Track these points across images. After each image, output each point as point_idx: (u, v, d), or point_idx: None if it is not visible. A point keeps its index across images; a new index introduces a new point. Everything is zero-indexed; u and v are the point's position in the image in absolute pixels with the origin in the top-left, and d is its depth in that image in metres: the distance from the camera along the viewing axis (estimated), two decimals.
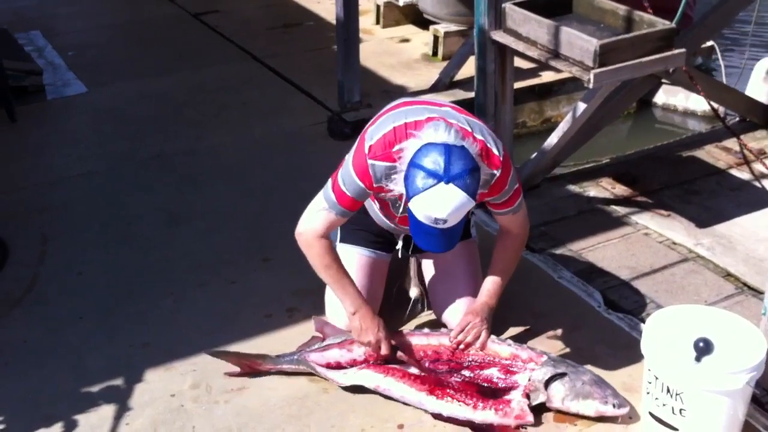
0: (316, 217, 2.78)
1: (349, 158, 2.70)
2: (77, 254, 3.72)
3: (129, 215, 4.03)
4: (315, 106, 5.17)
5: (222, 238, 3.82)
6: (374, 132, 2.65)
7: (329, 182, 2.76)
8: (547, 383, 2.73)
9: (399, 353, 2.87)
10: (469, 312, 2.90)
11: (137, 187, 4.29)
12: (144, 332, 3.20)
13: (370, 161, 2.62)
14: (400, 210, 2.80)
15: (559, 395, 2.72)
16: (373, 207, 2.98)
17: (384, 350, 2.84)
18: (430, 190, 2.40)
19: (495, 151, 2.62)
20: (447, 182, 2.39)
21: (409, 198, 2.46)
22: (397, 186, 2.53)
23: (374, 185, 2.64)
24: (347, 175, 2.68)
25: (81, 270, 3.60)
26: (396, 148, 2.53)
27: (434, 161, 2.40)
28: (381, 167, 2.59)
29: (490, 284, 2.92)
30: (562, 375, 2.73)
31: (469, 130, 2.60)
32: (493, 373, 2.80)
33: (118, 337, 3.17)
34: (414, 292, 3.23)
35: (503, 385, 2.77)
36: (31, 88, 5.39)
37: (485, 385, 2.79)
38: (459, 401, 2.74)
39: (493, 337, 2.90)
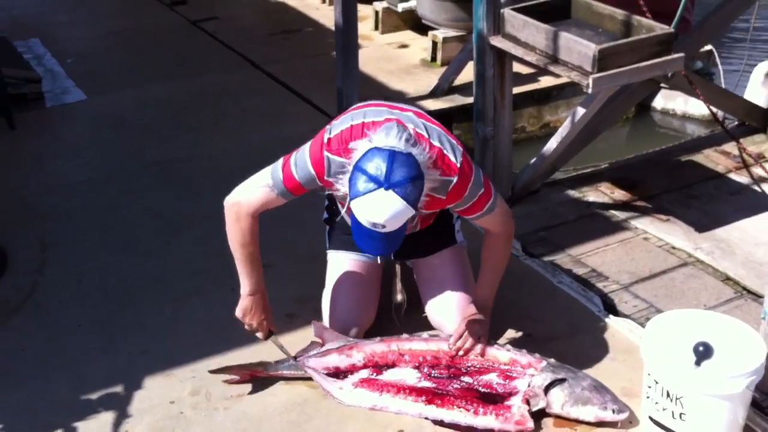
0: (255, 191, 2.77)
1: (306, 145, 2.72)
2: (76, 262, 3.71)
3: (128, 223, 4.03)
4: (314, 113, 5.18)
5: (221, 245, 3.76)
6: (335, 126, 2.68)
7: (279, 161, 2.75)
8: (547, 389, 2.72)
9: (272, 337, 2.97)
10: (466, 317, 2.90)
11: (136, 195, 4.29)
12: (143, 339, 3.19)
13: (326, 153, 2.64)
14: (343, 210, 2.80)
15: (558, 401, 2.71)
16: None
17: (260, 336, 2.94)
18: (369, 195, 2.40)
19: (452, 158, 2.61)
20: (387, 188, 2.39)
21: (350, 199, 2.46)
22: (343, 186, 2.53)
23: (325, 177, 2.65)
24: (301, 160, 2.69)
25: (80, 278, 3.60)
26: (350, 145, 2.54)
27: (377, 166, 2.40)
28: (336, 162, 2.60)
29: (483, 286, 2.94)
30: (561, 381, 2.73)
31: (426, 135, 2.60)
32: (493, 378, 2.80)
33: (117, 345, 3.17)
34: (397, 298, 3.22)
35: (503, 391, 2.77)
36: (30, 95, 5.39)
37: (485, 390, 2.79)
38: (459, 407, 2.73)
39: (492, 342, 2.89)
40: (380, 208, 2.40)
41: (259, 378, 2.94)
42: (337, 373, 2.90)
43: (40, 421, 2.81)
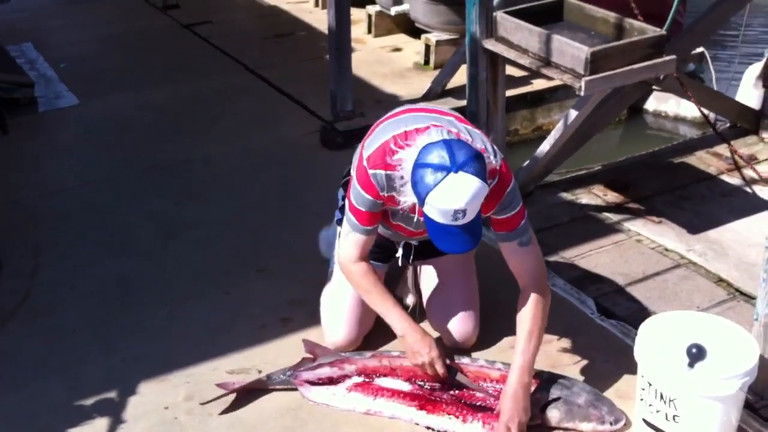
0: (346, 244, 2.81)
1: (353, 177, 2.71)
2: (71, 266, 3.71)
3: (122, 227, 4.02)
4: (308, 116, 5.18)
5: (216, 249, 3.82)
6: (371, 142, 2.66)
7: (346, 205, 2.77)
8: (543, 407, 2.71)
9: (458, 375, 2.80)
10: (505, 420, 2.64)
11: (130, 199, 4.29)
12: (138, 344, 3.19)
13: (370, 171, 2.62)
14: (398, 215, 2.79)
15: (555, 418, 2.71)
16: None
17: (440, 370, 2.77)
18: (442, 183, 2.36)
19: (492, 160, 2.60)
20: (456, 171, 2.36)
21: (422, 199, 2.41)
22: (408, 196, 2.50)
23: (381, 194, 2.63)
24: (355, 191, 2.69)
25: (75, 282, 3.60)
26: (395, 157, 2.52)
27: (439, 156, 2.38)
28: (382, 175, 2.59)
29: (519, 359, 2.69)
30: (557, 399, 2.72)
31: (470, 138, 2.59)
32: (486, 397, 2.78)
33: (111, 350, 3.17)
34: (410, 300, 3.23)
35: (495, 405, 2.75)
36: (23, 100, 5.39)
37: (478, 404, 2.78)
38: (449, 414, 2.73)
39: (482, 361, 2.87)
40: (458, 192, 2.36)
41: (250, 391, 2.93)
42: (330, 383, 2.90)
43: (35, 426, 2.81)
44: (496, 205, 2.64)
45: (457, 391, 2.80)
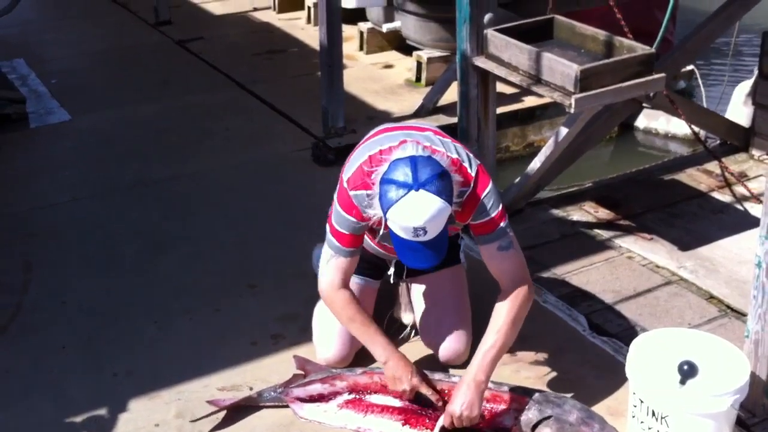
0: (327, 268, 2.79)
1: (334, 199, 2.73)
2: (61, 282, 3.70)
3: (113, 242, 4.01)
4: (299, 132, 5.19)
5: (206, 265, 3.81)
6: (351, 164, 2.70)
7: (327, 228, 2.77)
8: (534, 426, 2.70)
9: (437, 402, 2.77)
10: (450, 411, 2.66)
11: (121, 214, 4.28)
12: (128, 361, 3.17)
13: (351, 193, 2.65)
14: (380, 234, 2.80)
15: None
16: None
17: (425, 392, 2.77)
18: (402, 200, 2.40)
19: (468, 168, 2.64)
20: (417, 189, 2.39)
21: (384, 214, 2.46)
22: (376, 209, 2.53)
23: (363, 215, 2.64)
24: (337, 214, 2.71)
25: (65, 298, 3.58)
26: (373, 176, 2.54)
27: (403, 173, 2.42)
28: (363, 196, 2.61)
29: (480, 356, 2.68)
30: (548, 417, 2.71)
31: (443, 149, 2.63)
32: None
33: (101, 366, 3.15)
34: (407, 318, 3.22)
35: (485, 426, 2.74)
36: (14, 116, 5.37)
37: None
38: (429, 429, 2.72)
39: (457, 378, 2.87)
40: (417, 210, 2.39)
41: (240, 408, 2.92)
42: (321, 399, 2.89)
43: None
44: (472, 212, 2.67)
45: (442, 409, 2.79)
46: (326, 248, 2.78)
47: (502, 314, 2.69)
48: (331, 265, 2.77)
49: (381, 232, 2.75)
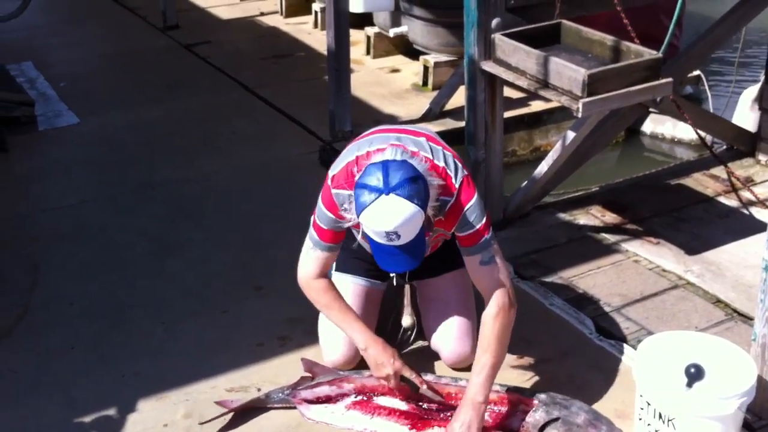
0: (306, 259, 2.83)
1: (319, 195, 2.75)
2: (68, 284, 3.71)
3: (120, 244, 4.03)
4: (306, 136, 5.20)
5: (213, 267, 3.82)
6: (338, 162, 2.71)
7: (310, 221, 2.80)
8: (542, 428, 2.71)
9: (421, 385, 2.80)
10: (450, 430, 2.66)
11: (128, 217, 4.29)
12: (135, 362, 3.19)
13: (333, 191, 2.68)
14: (359, 236, 2.81)
15: None
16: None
17: (409, 376, 2.79)
18: (372, 205, 2.41)
19: (453, 178, 2.65)
20: (388, 193, 2.40)
21: (358, 217, 2.47)
22: (353, 213, 2.54)
23: (340, 214, 2.66)
24: (319, 210, 2.74)
25: (72, 300, 3.60)
26: (357, 178, 2.54)
27: (375, 178, 2.43)
28: (344, 195, 2.62)
29: (474, 377, 2.67)
30: (555, 419, 2.72)
31: (430, 156, 2.64)
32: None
33: (109, 367, 3.16)
34: (407, 320, 3.23)
35: (493, 427, 2.74)
36: (23, 118, 5.40)
37: None
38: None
39: (447, 378, 2.86)
40: (387, 215, 2.40)
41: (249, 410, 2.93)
42: (328, 400, 2.90)
43: None
44: (455, 223, 2.68)
45: (449, 413, 2.78)
46: (307, 240, 2.83)
47: (488, 334, 2.69)
48: (310, 256, 2.81)
49: (358, 236, 2.76)
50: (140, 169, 4.81)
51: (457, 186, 2.65)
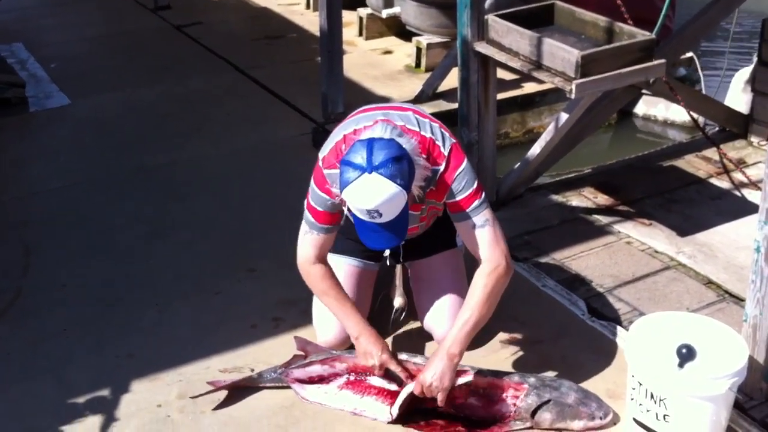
0: (303, 243, 2.84)
1: (312, 178, 2.76)
2: (60, 266, 3.71)
3: (112, 227, 4.02)
4: (299, 118, 5.19)
5: (206, 249, 3.82)
6: (327, 143, 2.73)
7: (305, 204, 2.80)
8: (534, 412, 2.72)
9: (407, 381, 2.79)
10: (421, 380, 2.70)
11: (120, 199, 4.28)
12: (129, 343, 3.19)
13: (325, 171, 2.69)
14: (346, 210, 2.81)
15: (547, 421, 2.72)
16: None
17: (394, 369, 2.80)
18: (355, 182, 2.42)
19: (441, 147, 2.66)
20: (370, 172, 2.41)
21: (341, 193, 2.48)
22: (337, 188, 2.56)
23: (332, 193, 2.67)
24: (312, 192, 2.75)
25: (64, 282, 3.59)
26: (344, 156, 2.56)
27: (360, 155, 2.43)
28: (335, 175, 2.62)
29: (455, 330, 2.71)
30: (547, 402, 2.73)
31: (417, 129, 2.65)
32: (473, 402, 2.78)
33: (102, 349, 3.17)
34: (398, 301, 3.23)
35: (485, 415, 2.76)
36: (13, 100, 5.39)
37: (466, 416, 2.77)
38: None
39: (468, 367, 2.85)
40: (369, 193, 2.41)
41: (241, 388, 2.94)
42: (321, 381, 2.91)
43: (26, 425, 2.81)
44: (448, 189, 2.69)
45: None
46: (303, 223, 2.83)
47: (477, 290, 2.71)
48: (306, 239, 2.82)
49: (345, 212, 2.76)
50: (132, 151, 4.79)
51: (446, 154, 2.66)
